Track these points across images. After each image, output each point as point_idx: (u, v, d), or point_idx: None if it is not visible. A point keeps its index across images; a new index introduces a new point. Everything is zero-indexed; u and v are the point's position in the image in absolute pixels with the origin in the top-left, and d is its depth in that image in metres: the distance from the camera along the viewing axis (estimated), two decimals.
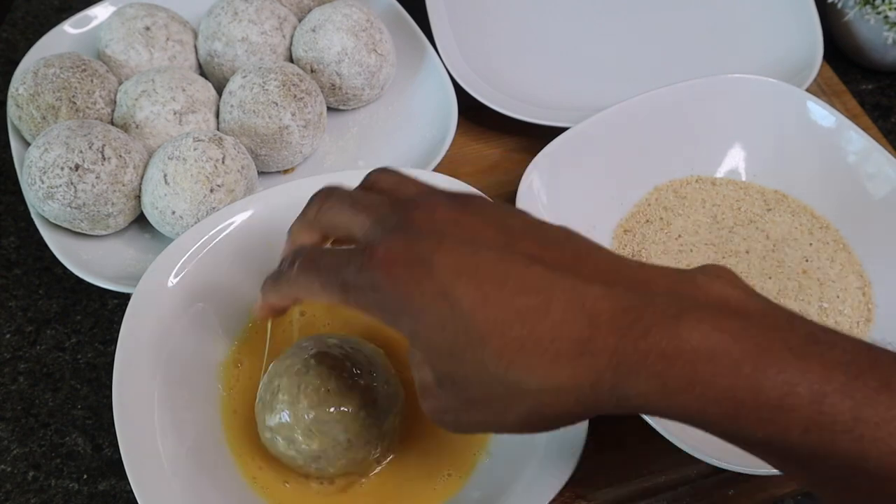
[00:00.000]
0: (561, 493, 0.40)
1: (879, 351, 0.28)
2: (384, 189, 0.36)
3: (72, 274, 0.51)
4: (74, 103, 0.54)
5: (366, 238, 0.34)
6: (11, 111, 0.56)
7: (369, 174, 0.37)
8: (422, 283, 0.31)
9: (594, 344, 0.29)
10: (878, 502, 0.28)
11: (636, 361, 0.29)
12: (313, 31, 0.60)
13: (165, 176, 0.51)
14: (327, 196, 0.37)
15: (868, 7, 0.65)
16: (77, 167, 0.50)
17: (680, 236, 0.55)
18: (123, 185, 0.52)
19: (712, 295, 0.30)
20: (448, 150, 0.58)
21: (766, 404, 0.28)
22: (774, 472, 0.43)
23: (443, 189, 0.35)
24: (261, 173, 0.57)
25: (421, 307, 0.31)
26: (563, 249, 0.32)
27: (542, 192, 0.52)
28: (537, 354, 0.30)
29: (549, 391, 0.30)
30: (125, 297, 0.44)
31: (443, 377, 0.32)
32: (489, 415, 0.32)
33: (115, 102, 0.56)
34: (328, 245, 0.38)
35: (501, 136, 0.63)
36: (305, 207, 0.38)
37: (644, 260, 0.53)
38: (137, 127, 0.55)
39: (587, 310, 0.30)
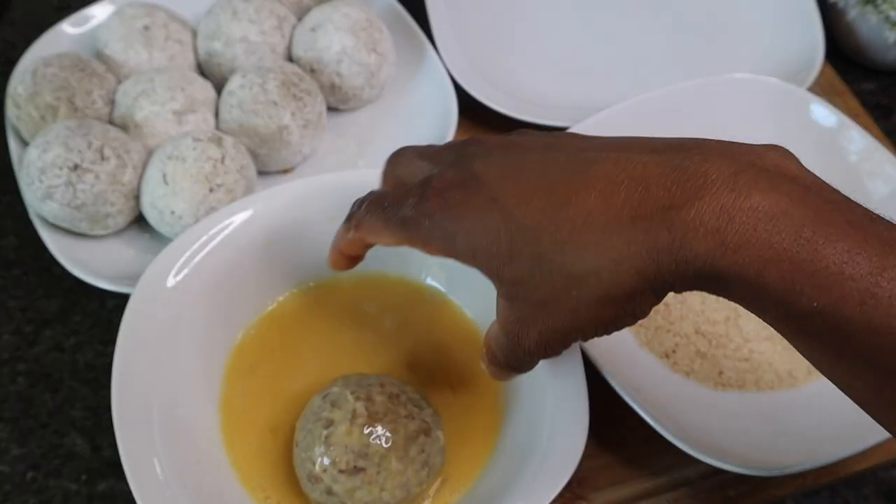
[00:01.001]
0: (561, 494, 0.40)
1: None
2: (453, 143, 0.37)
3: (71, 274, 0.51)
4: (73, 103, 0.54)
5: (426, 176, 0.35)
6: (10, 111, 0.56)
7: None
8: (471, 197, 0.32)
9: (646, 206, 0.29)
10: None
11: (692, 219, 0.28)
12: (313, 30, 0.59)
13: (164, 176, 0.51)
14: (398, 151, 0.38)
15: (869, 7, 0.65)
16: (76, 167, 0.50)
17: None
18: (122, 185, 0.51)
19: (768, 161, 0.30)
20: None
21: (824, 269, 0.27)
22: (775, 472, 0.44)
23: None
24: (260, 173, 0.57)
25: (473, 220, 0.32)
26: (609, 139, 0.33)
27: None
28: (589, 230, 0.30)
29: (608, 267, 0.30)
30: (124, 298, 0.44)
31: (510, 288, 0.32)
32: (564, 315, 0.31)
33: (114, 102, 0.56)
34: None
35: None
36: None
37: None
38: (136, 127, 0.55)
39: (635, 175, 0.30)
